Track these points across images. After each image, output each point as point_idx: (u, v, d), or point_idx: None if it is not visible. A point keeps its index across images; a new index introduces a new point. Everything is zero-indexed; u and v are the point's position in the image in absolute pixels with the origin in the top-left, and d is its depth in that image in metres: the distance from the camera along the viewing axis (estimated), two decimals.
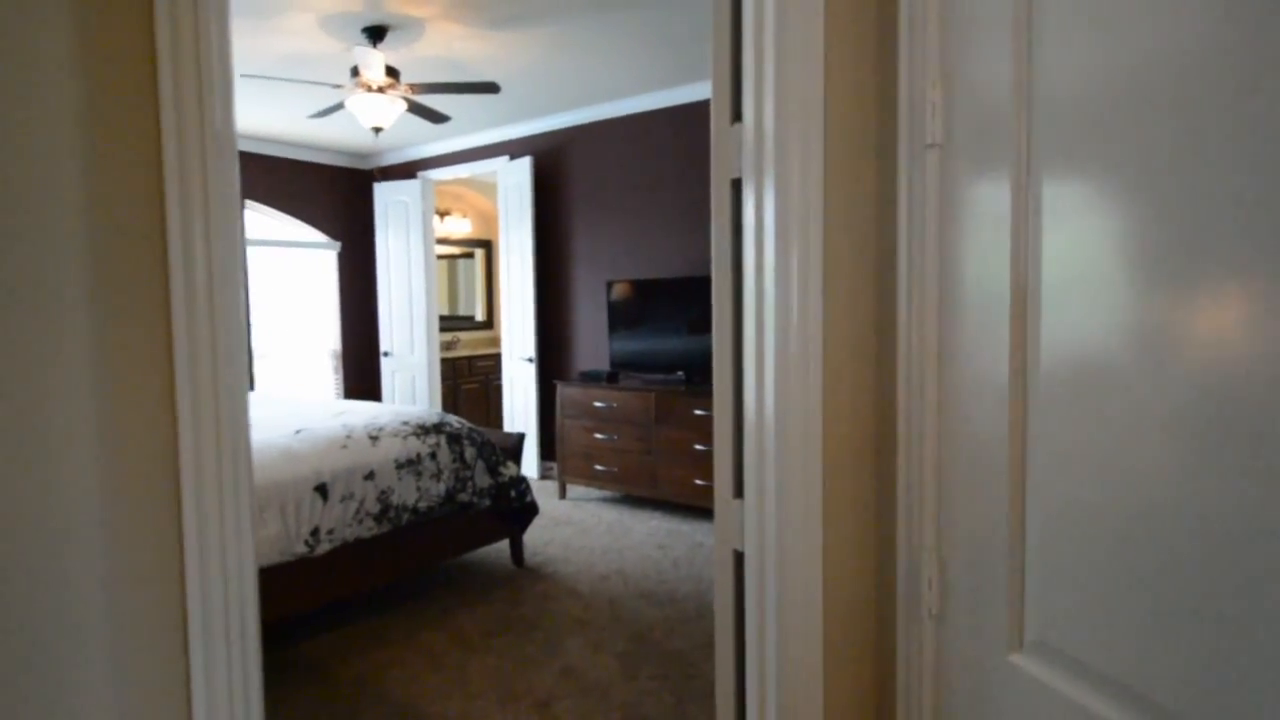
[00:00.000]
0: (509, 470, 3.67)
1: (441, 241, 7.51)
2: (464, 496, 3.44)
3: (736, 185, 1.49)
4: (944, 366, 1.21)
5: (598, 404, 4.95)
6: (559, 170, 5.58)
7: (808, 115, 1.33)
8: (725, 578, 1.57)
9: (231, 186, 1.27)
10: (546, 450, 5.77)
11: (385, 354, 6.43)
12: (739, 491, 1.55)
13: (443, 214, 7.56)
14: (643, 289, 5.01)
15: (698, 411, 4.56)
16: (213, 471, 1.26)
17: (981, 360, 1.09)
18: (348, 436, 3.14)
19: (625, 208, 5.32)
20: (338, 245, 6.51)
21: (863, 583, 1.45)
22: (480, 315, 8.19)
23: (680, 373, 4.86)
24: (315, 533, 2.81)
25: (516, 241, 5.64)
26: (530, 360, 5.60)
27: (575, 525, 4.62)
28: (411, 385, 6.36)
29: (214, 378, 1.25)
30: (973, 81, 1.10)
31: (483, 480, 3.55)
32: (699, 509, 4.87)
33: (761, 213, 1.38)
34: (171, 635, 1.22)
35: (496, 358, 7.48)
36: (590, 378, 5.17)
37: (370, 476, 3.05)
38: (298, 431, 3.15)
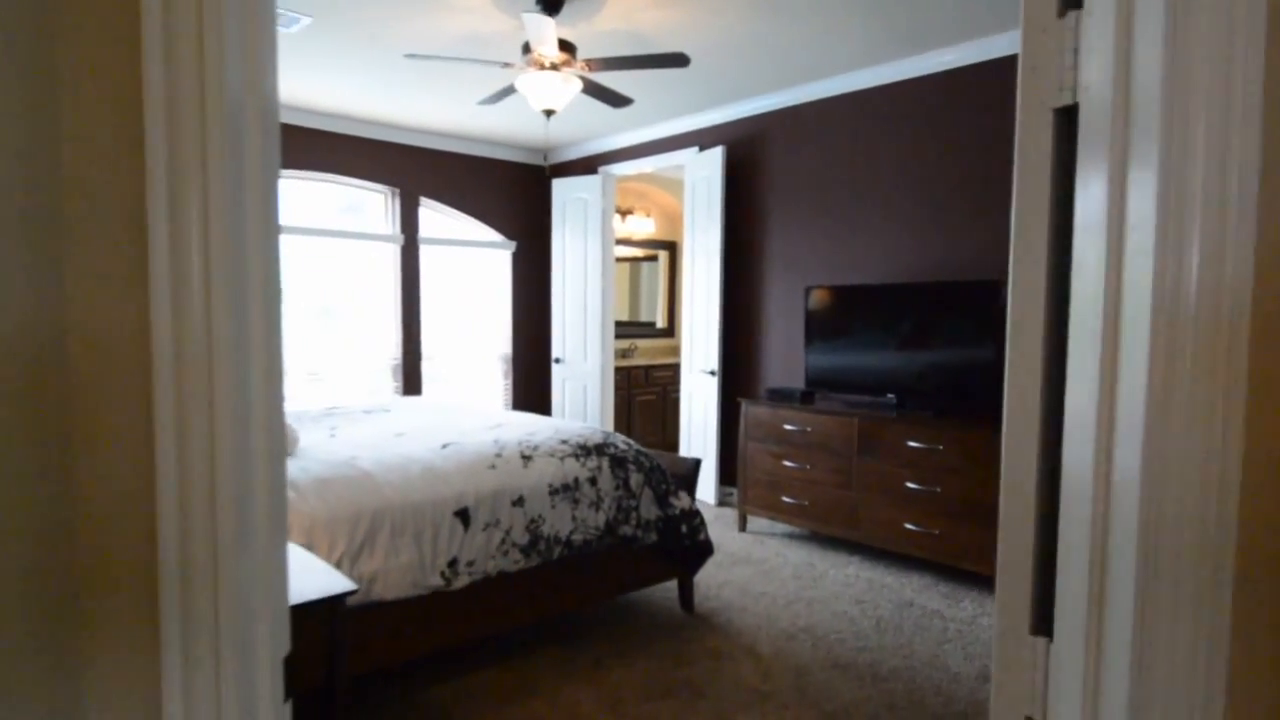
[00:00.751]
0: (680, 502, 3.14)
1: (622, 242, 7.19)
2: (626, 530, 2.95)
3: (1066, 116, 0.83)
4: None
5: (788, 426, 4.29)
6: (753, 162, 4.99)
7: None
8: None
9: (266, 174, 0.83)
10: (726, 474, 5.19)
11: (556, 360, 6.18)
12: (1042, 625, 0.88)
13: (624, 213, 7.24)
14: (847, 297, 4.28)
15: (912, 443, 3.77)
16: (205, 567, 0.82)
17: None
18: (497, 455, 2.76)
19: (829, 204, 4.62)
20: (512, 245, 6.37)
21: None
22: (661, 322, 7.79)
23: (890, 395, 4.07)
24: (453, 564, 2.44)
25: (703, 242, 5.13)
26: (712, 373, 5.05)
27: (756, 565, 3.99)
28: (583, 394, 6.05)
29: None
30: None
31: (649, 512, 3.05)
32: (909, 558, 4.06)
33: (1127, 157, 0.72)
34: None
35: (676, 368, 7.03)
36: (780, 396, 4.52)
37: (519, 502, 2.65)
38: (445, 446, 2.82)
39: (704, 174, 5.08)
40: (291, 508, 2.19)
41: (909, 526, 3.81)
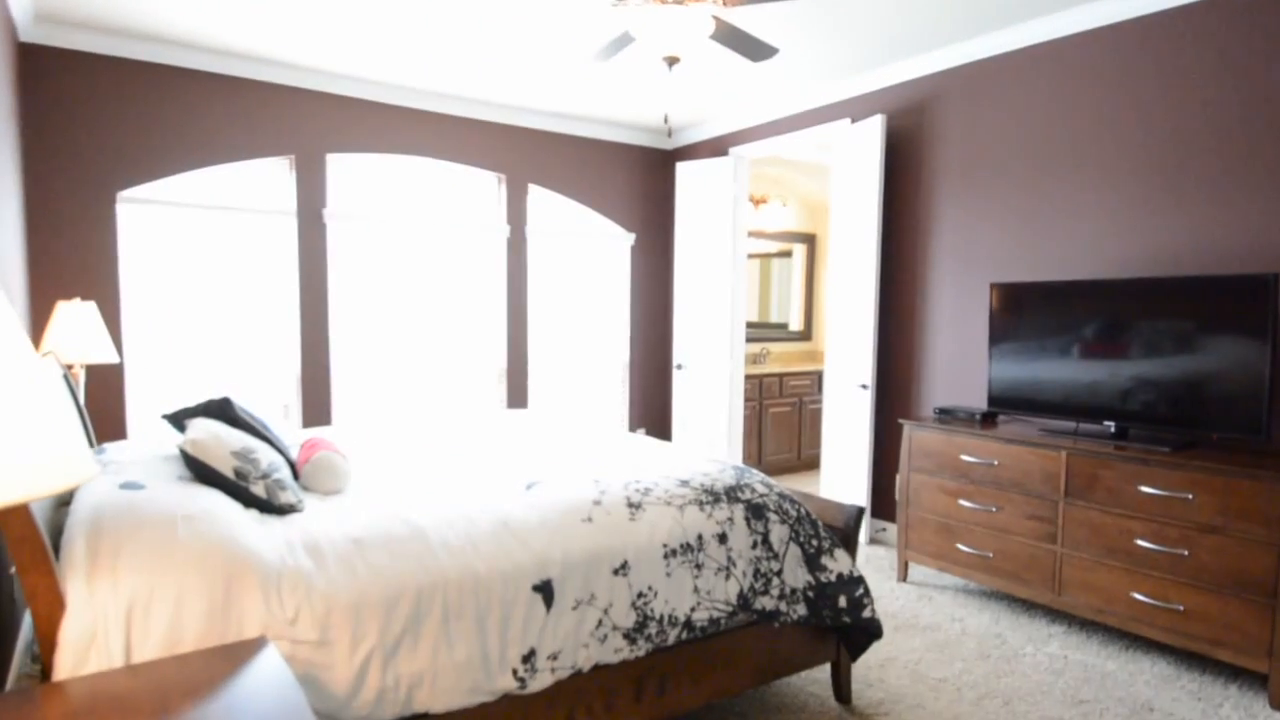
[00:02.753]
0: (837, 564, 2.35)
1: (753, 235, 6.40)
2: (766, 602, 2.20)
3: None
4: None
5: (967, 457, 3.38)
6: (919, 134, 4.08)
7: None
8: None
9: None
10: (880, 507, 4.31)
11: (678, 367, 5.47)
12: None
13: (756, 202, 6.44)
14: (1046, 296, 3.31)
15: (1146, 488, 2.80)
16: None
17: None
18: (595, 502, 2.08)
19: (1021, 182, 3.65)
20: (631, 236, 5.71)
21: None
22: (796, 324, 6.92)
23: (1108, 423, 3.09)
24: (530, 657, 1.79)
25: (854, 231, 4.26)
26: (864, 387, 4.18)
27: (927, 633, 3.12)
28: (707, 406, 5.32)
29: None
30: None
31: (796, 577, 2.28)
32: (1136, 639, 3.08)
33: None
34: None
35: (814, 377, 6.16)
36: (955, 417, 3.61)
37: (622, 570, 1.96)
38: (530, 487, 2.18)
39: (857, 151, 4.22)
40: (303, 585, 1.60)
41: (1139, 598, 2.83)
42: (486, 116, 4.92)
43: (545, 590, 1.83)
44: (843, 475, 4.32)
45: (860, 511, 2.48)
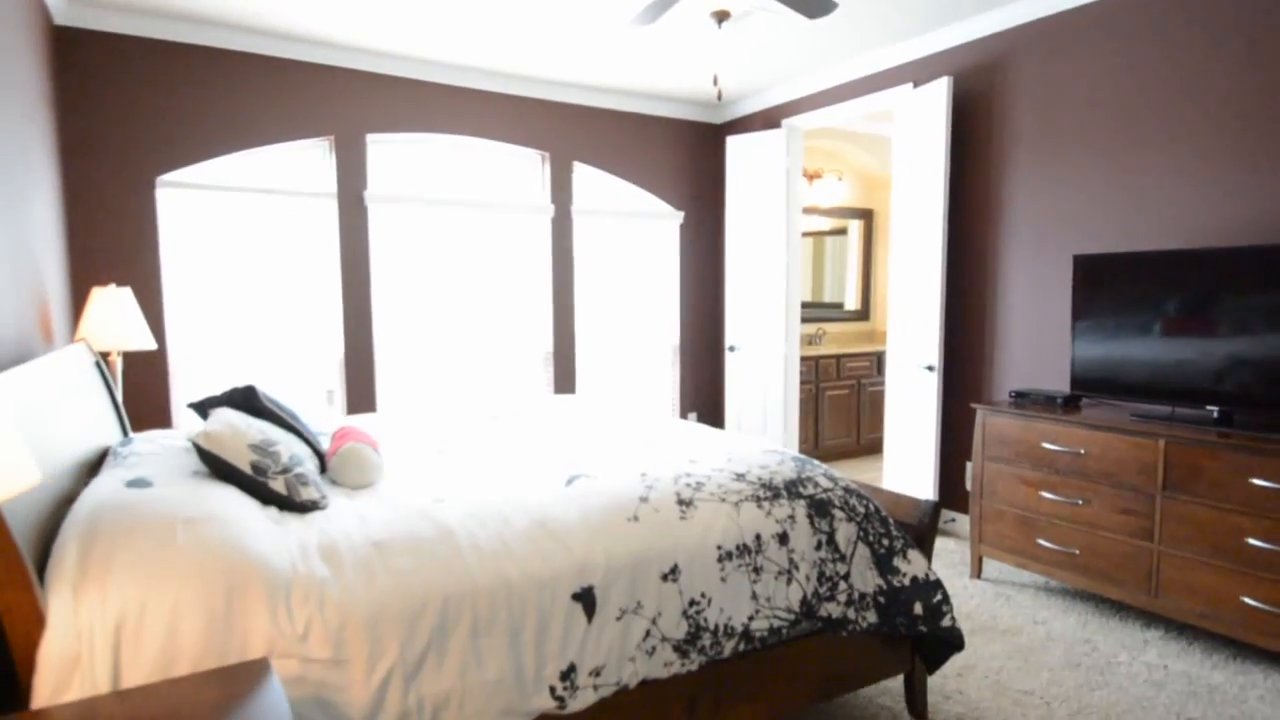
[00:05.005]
0: (911, 566, 2.10)
1: (807, 211, 6.08)
2: (832, 609, 1.98)
3: None
4: None
5: (1049, 445, 3.07)
6: (991, 97, 3.74)
7: None
8: None
9: None
10: (949, 497, 4.02)
11: (730, 349, 5.21)
12: None
13: (811, 177, 6.12)
14: (1139, 267, 2.96)
15: (1259, 481, 2.48)
16: None
17: None
18: (642, 499, 1.88)
19: (1108, 144, 3.29)
20: (680, 214, 5.46)
21: None
22: (853, 304, 6.59)
23: (1211, 408, 2.76)
24: (570, 673, 1.60)
25: (917, 203, 3.95)
26: (930, 369, 3.88)
27: (1007, 637, 2.84)
28: (761, 390, 5.05)
29: None
30: None
31: (865, 581, 2.05)
32: (1245, 648, 2.76)
33: None
34: None
35: (873, 358, 5.85)
36: (1033, 401, 3.30)
37: (672, 575, 1.76)
38: (570, 481, 1.99)
39: (920, 117, 3.90)
40: (315, 596, 1.43)
41: (1250, 603, 2.52)
42: (528, 93, 4.72)
43: (586, 598, 1.64)
44: (907, 462, 4.03)
45: (936, 507, 2.23)
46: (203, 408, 2.18)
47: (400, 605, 1.47)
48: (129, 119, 3.65)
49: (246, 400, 2.05)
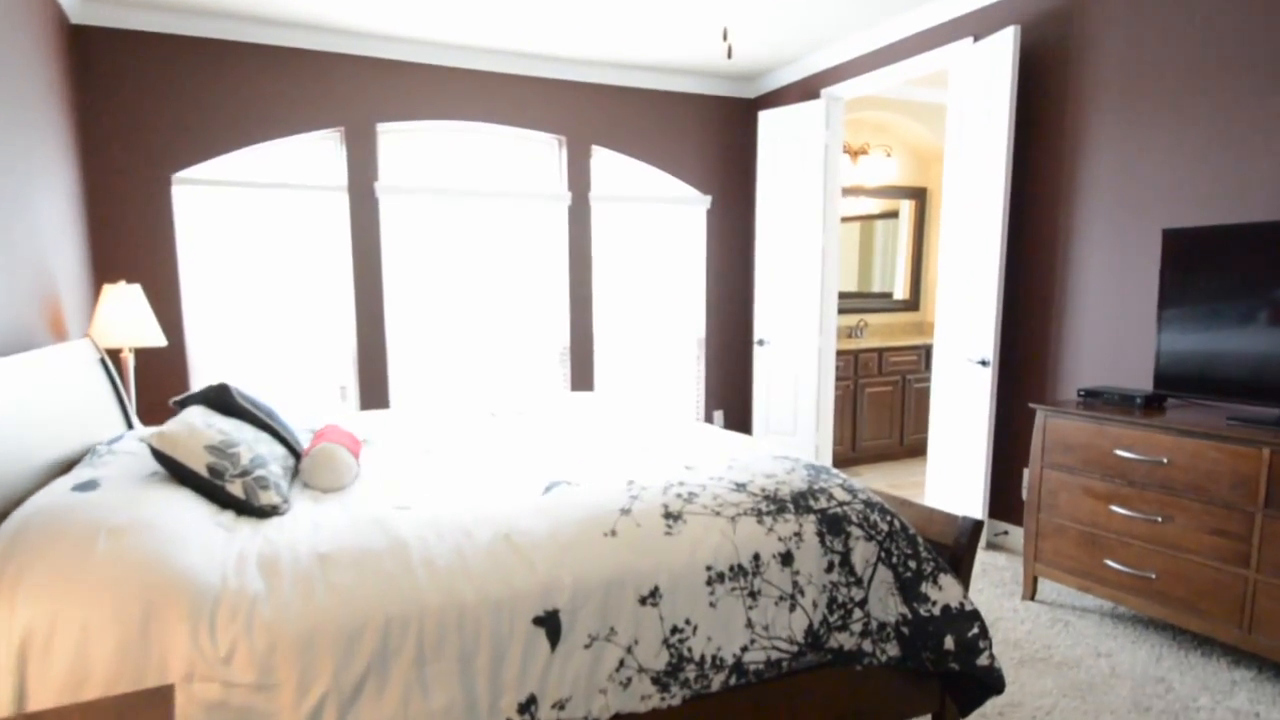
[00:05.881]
0: (942, 593, 1.85)
1: (851, 192, 5.72)
2: (844, 639, 1.75)
3: None
4: None
5: (1124, 453, 2.73)
6: (1064, 48, 3.36)
7: None
8: None
9: None
10: (1001, 507, 3.68)
11: (760, 342, 4.93)
12: None
13: (854, 153, 5.74)
14: (1247, 243, 2.57)
15: None
16: None
17: None
18: (624, 510, 1.69)
19: (1207, 102, 2.88)
20: (708, 200, 5.19)
21: None
22: (901, 293, 6.18)
23: None
24: (529, 705, 1.43)
25: (974, 173, 3.60)
26: (984, 363, 3.55)
27: (1062, 671, 2.53)
28: (792, 386, 4.76)
29: None
30: None
31: (886, 609, 1.81)
32: None
33: None
34: None
35: (921, 351, 5.48)
36: (1106, 400, 2.95)
37: (652, 598, 1.56)
38: (549, 489, 1.81)
39: (982, 75, 3.54)
40: (244, 614, 1.30)
41: None
42: (543, 72, 4.52)
43: (550, 623, 1.46)
44: (954, 467, 3.71)
45: (977, 526, 1.96)
46: (185, 405, 2.10)
47: (337, 625, 1.33)
48: (145, 116, 3.68)
49: (220, 398, 1.96)
